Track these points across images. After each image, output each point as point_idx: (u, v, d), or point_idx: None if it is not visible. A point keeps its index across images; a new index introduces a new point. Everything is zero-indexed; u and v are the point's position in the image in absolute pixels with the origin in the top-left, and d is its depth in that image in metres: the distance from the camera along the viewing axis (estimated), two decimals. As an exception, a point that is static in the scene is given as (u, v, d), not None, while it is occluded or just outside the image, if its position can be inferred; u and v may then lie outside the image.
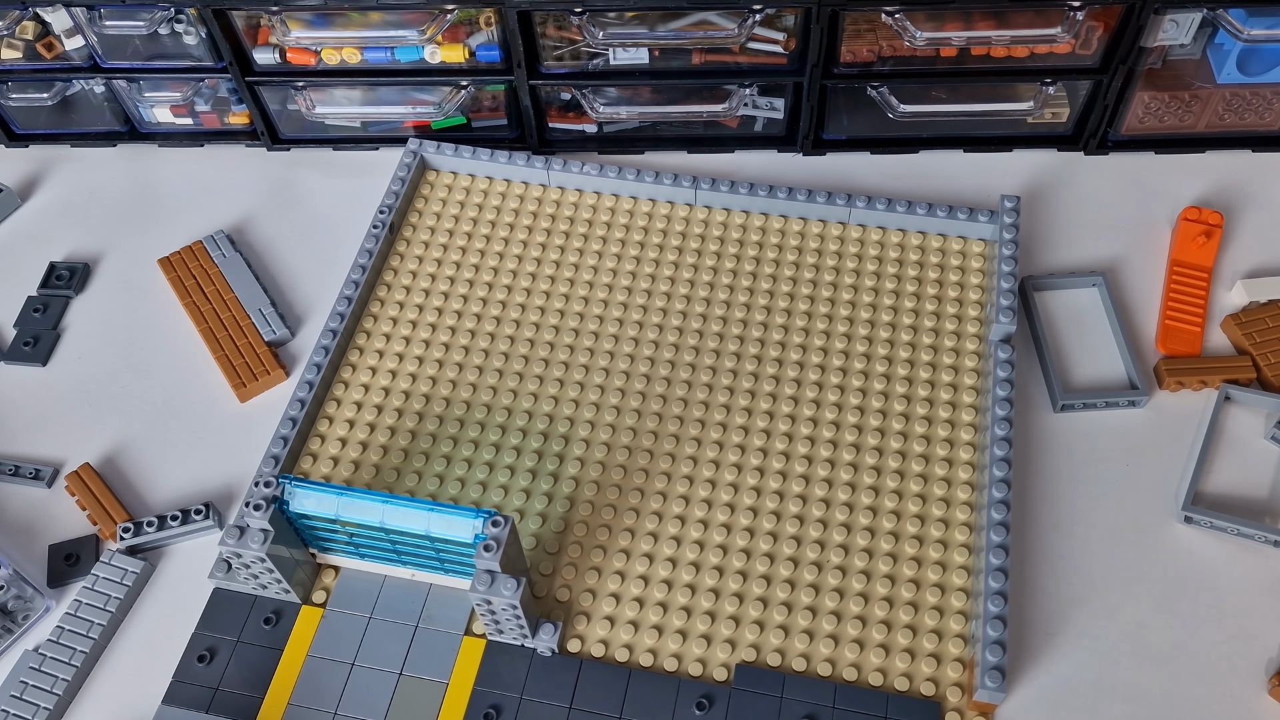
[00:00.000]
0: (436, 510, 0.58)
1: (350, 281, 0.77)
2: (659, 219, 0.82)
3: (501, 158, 0.84)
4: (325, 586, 0.66)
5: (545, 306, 0.78)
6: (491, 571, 0.57)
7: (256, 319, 0.78)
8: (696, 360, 0.75)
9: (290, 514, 0.60)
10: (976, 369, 0.73)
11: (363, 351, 0.75)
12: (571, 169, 0.83)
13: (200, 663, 0.63)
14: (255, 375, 0.75)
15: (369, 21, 0.81)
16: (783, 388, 0.73)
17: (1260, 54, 0.80)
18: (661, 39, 0.80)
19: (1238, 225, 0.82)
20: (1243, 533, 0.66)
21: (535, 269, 0.80)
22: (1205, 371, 0.72)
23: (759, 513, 0.68)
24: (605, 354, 0.75)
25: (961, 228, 0.79)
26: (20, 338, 0.79)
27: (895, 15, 0.77)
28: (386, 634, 0.64)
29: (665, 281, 0.79)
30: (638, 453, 0.70)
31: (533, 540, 0.67)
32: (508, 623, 0.61)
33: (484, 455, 0.71)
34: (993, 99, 0.85)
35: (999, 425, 0.68)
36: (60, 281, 0.82)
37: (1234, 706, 0.61)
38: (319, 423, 0.72)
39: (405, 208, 0.83)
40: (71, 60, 0.86)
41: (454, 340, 0.76)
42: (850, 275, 0.78)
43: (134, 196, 0.89)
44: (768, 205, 0.81)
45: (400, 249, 0.81)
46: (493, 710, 0.61)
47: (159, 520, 0.68)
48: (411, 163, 0.84)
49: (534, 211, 0.83)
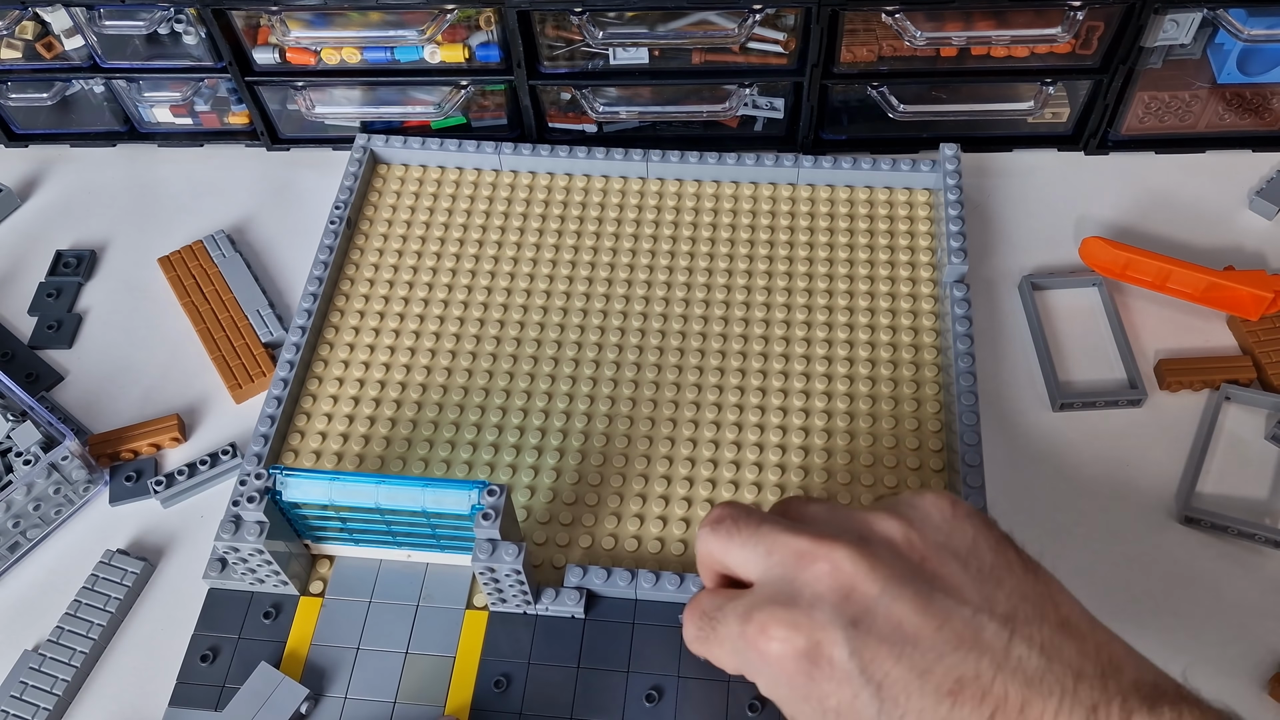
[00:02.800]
0: (431, 486, 0.58)
1: (314, 278, 0.77)
2: (614, 194, 0.83)
3: (451, 145, 0.84)
4: (321, 576, 0.66)
5: (511, 287, 0.78)
6: (492, 540, 0.58)
7: (254, 320, 0.78)
8: (666, 326, 0.75)
9: (283, 504, 0.60)
10: (934, 311, 0.75)
11: (333, 346, 0.76)
12: (522, 151, 0.84)
13: (204, 662, 0.63)
14: (251, 377, 0.75)
15: (369, 21, 0.81)
16: (751, 345, 0.74)
17: (1260, 54, 0.80)
18: (661, 39, 0.80)
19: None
20: (1243, 533, 0.66)
21: (496, 250, 0.80)
22: (1206, 371, 0.72)
23: (741, 465, 0.69)
24: (576, 327, 0.76)
25: (906, 179, 0.81)
26: (43, 322, 0.80)
27: (895, 15, 0.77)
28: (388, 616, 0.64)
29: (626, 254, 0.80)
30: (618, 419, 0.71)
31: (524, 512, 0.67)
32: (510, 589, 0.61)
33: (466, 434, 0.71)
34: (993, 99, 0.85)
35: (962, 360, 0.69)
36: (68, 269, 0.83)
37: (1234, 706, 0.61)
38: (297, 418, 0.72)
39: (360, 202, 0.83)
40: (71, 60, 0.86)
41: (423, 327, 0.76)
42: (805, 233, 0.80)
43: (134, 196, 0.89)
44: (718, 172, 0.83)
45: (360, 243, 0.81)
46: (503, 678, 0.62)
47: (189, 469, 0.70)
48: (362, 158, 0.84)
49: (489, 196, 0.83)
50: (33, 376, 0.77)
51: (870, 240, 0.79)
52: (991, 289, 0.79)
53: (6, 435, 0.70)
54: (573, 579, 0.63)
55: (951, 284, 0.74)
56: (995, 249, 0.81)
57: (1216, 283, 0.74)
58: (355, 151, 0.84)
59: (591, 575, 0.63)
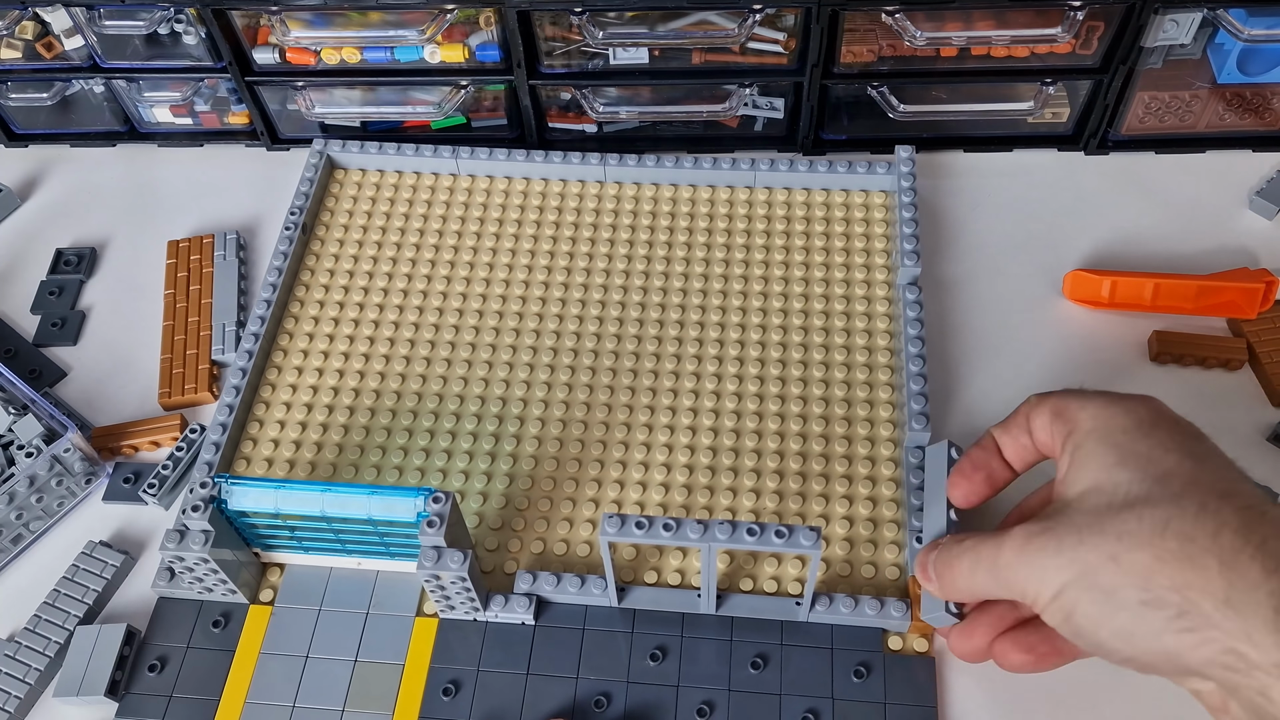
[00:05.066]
0: (376, 493, 0.58)
1: (267, 284, 0.77)
2: (571, 198, 0.83)
3: (408, 150, 0.85)
4: (272, 584, 0.66)
5: (466, 292, 0.78)
6: (438, 547, 0.58)
7: (216, 332, 0.77)
8: (622, 330, 0.76)
9: (230, 513, 0.60)
10: (889, 314, 0.75)
11: (286, 353, 0.76)
12: (479, 155, 0.84)
13: (151, 672, 0.63)
14: (184, 390, 0.75)
15: (369, 21, 0.81)
16: (706, 349, 0.75)
17: (1260, 54, 0.80)
18: (661, 39, 0.80)
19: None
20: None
21: (452, 256, 0.81)
22: (1197, 348, 0.72)
23: (694, 469, 0.69)
24: (531, 332, 0.76)
25: (862, 181, 0.81)
26: (47, 320, 0.80)
27: (895, 15, 0.77)
28: (338, 624, 0.64)
29: (583, 258, 0.80)
30: (571, 424, 0.71)
31: (475, 519, 0.67)
32: (458, 596, 0.61)
33: (419, 441, 0.71)
34: (993, 99, 0.85)
35: (913, 362, 0.70)
36: (69, 267, 0.83)
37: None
38: (249, 425, 0.72)
39: (316, 208, 0.83)
40: (71, 60, 0.86)
41: (377, 333, 0.76)
42: (761, 236, 0.80)
43: (133, 196, 0.89)
44: (675, 175, 0.83)
45: (315, 248, 0.81)
46: (451, 685, 0.62)
47: (172, 461, 0.70)
48: (318, 163, 0.84)
49: (446, 201, 0.84)
50: (35, 373, 0.77)
51: (827, 243, 0.79)
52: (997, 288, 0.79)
53: (9, 428, 0.70)
54: (522, 585, 0.63)
55: (905, 286, 0.74)
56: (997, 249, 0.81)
57: (1206, 286, 0.74)
58: (311, 156, 0.84)
59: (541, 581, 0.63)
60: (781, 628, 0.63)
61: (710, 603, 0.63)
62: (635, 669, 0.62)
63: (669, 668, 0.62)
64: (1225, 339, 0.73)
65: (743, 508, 0.67)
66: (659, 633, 0.63)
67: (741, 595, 0.64)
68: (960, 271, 0.80)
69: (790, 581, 0.64)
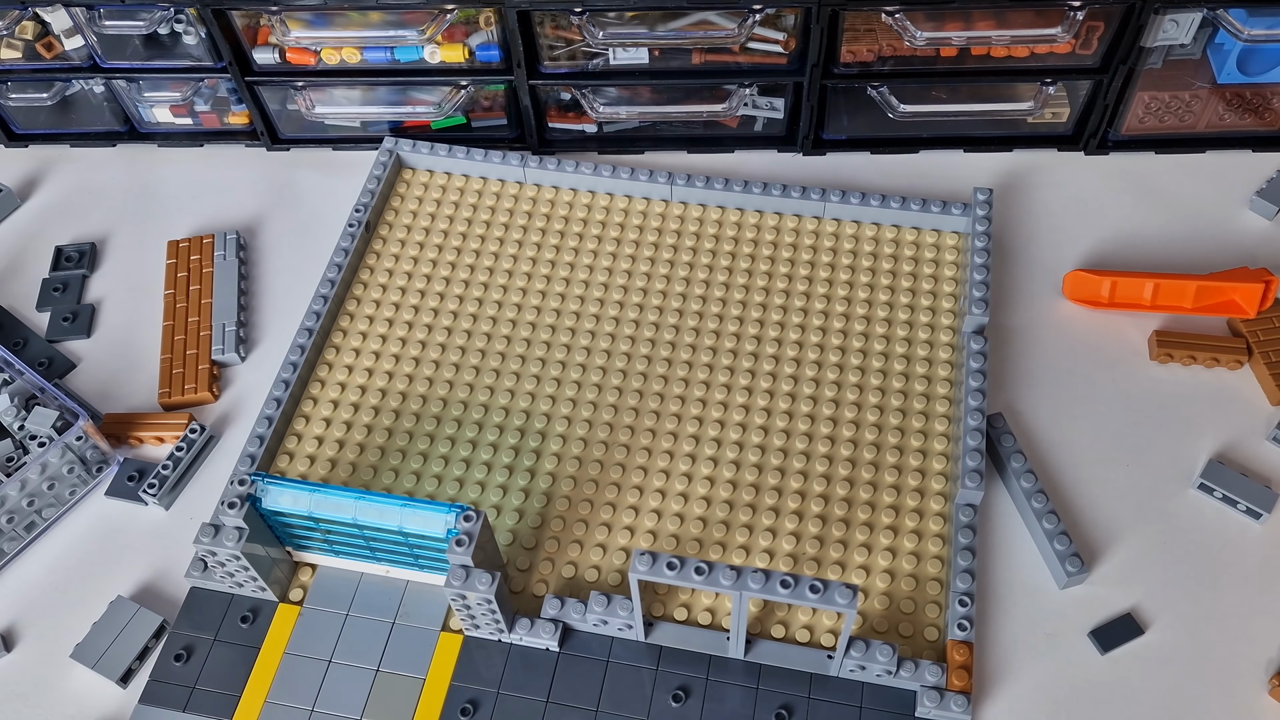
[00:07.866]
0: (409, 506, 0.58)
1: (326, 280, 0.77)
2: (635, 215, 0.82)
3: (478, 155, 0.84)
4: (302, 584, 0.66)
5: (522, 303, 0.78)
6: (465, 566, 0.57)
7: (216, 333, 0.77)
8: (674, 355, 0.75)
9: (264, 511, 0.60)
10: (950, 360, 0.73)
11: (339, 350, 0.75)
12: (548, 166, 0.83)
13: (177, 661, 0.63)
14: (184, 390, 0.75)
15: (369, 21, 0.81)
16: (758, 381, 0.73)
17: (1260, 54, 0.80)
18: (661, 39, 0.80)
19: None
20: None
21: (512, 265, 0.80)
22: (1197, 348, 0.72)
23: (735, 506, 0.68)
24: (582, 350, 0.75)
25: (935, 220, 0.80)
26: (57, 315, 0.80)
27: (895, 15, 0.77)
28: (363, 631, 0.64)
29: (642, 278, 0.79)
30: (614, 447, 0.70)
31: (509, 536, 0.67)
32: (483, 616, 0.61)
33: (460, 452, 0.70)
34: (993, 99, 0.85)
35: (971, 415, 0.67)
36: (70, 263, 0.83)
37: (1234, 706, 0.61)
38: (295, 421, 0.72)
39: (381, 206, 0.83)
40: (71, 60, 0.86)
41: (430, 338, 0.76)
42: (825, 269, 0.78)
43: (133, 196, 0.89)
44: (743, 200, 0.81)
45: (376, 247, 0.81)
46: (470, 705, 0.61)
47: (172, 461, 0.70)
48: (387, 161, 0.84)
49: (510, 209, 0.83)
50: (45, 364, 0.77)
51: (893, 282, 0.77)
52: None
53: (20, 417, 0.70)
54: (549, 610, 0.62)
55: (970, 334, 0.72)
56: (997, 249, 0.81)
57: (1205, 286, 0.74)
58: (381, 154, 0.84)
59: (569, 608, 0.62)
60: (810, 680, 0.61)
61: (739, 647, 0.61)
62: (657, 707, 0.61)
63: (691, 710, 0.61)
64: (1225, 339, 0.73)
65: (781, 550, 0.66)
66: (684, 672, 0.62)
67: (772, 642, 0.62)
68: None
69: (824, 632, 0.63)
